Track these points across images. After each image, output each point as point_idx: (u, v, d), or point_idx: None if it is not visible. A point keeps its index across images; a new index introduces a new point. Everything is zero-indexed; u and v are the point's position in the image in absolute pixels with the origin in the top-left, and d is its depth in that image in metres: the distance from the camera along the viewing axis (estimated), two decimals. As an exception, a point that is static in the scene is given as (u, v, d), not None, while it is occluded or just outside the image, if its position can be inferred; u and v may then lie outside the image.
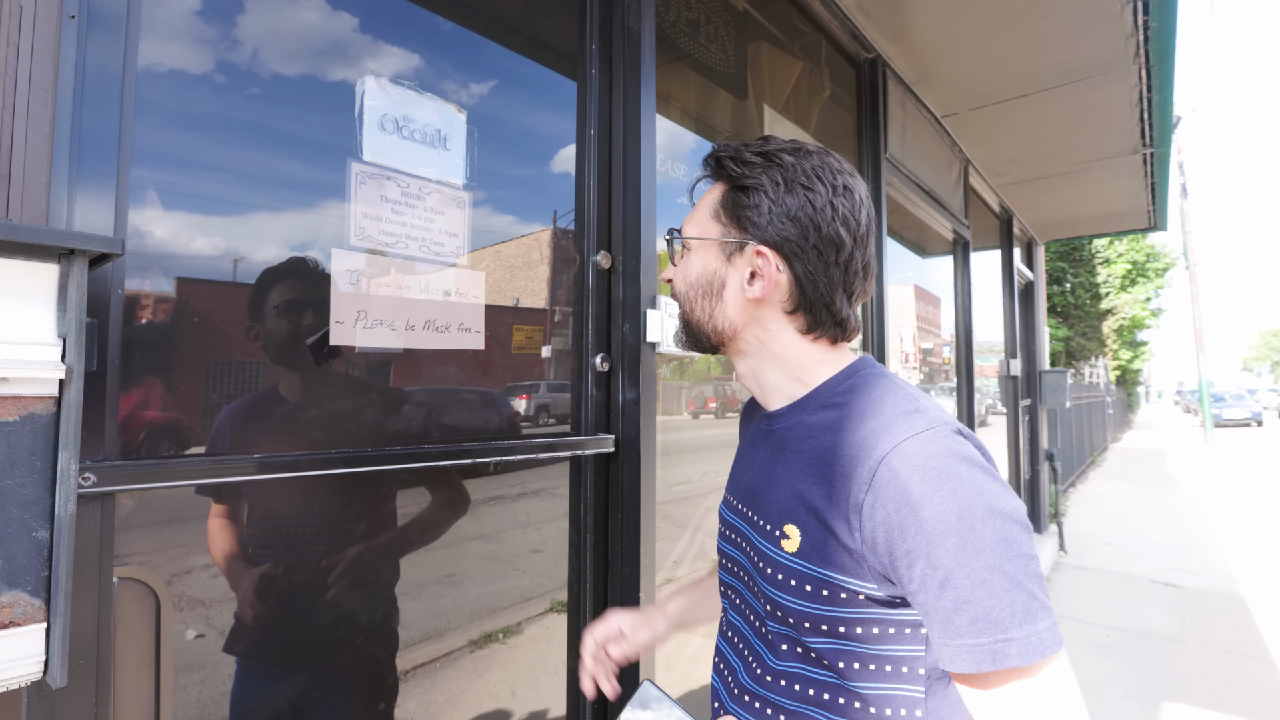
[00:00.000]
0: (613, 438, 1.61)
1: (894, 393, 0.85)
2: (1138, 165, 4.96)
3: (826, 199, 0.87)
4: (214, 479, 0.99)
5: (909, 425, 0.78)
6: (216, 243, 1.06)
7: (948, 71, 3.37)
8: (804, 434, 0.88)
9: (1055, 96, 3.68)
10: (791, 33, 2.68)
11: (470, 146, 1.40)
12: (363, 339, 1.20)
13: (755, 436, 1.00)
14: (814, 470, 0.84)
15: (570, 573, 1.61)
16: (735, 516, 0.98)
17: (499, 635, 1.53)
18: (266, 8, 1.14)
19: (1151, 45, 3.21)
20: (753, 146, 0.92)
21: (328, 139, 1.19)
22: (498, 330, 1.47)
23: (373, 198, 1.23)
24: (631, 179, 1.66)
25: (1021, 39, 3.05)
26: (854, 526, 0.77)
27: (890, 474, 0.75)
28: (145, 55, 0.98)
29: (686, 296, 0.97)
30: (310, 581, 1.18)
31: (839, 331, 0.92)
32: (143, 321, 0.97)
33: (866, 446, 0.78)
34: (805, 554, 0.81)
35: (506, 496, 1.56)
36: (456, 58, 1.41)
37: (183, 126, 1.03)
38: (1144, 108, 3.92)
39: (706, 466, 2.40)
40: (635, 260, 1.64)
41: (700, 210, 0.96)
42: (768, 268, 0.89)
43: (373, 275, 1.22)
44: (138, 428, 0.97)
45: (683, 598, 1.20)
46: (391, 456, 1.21)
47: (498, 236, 1.47)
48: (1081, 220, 6.65)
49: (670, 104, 2.05)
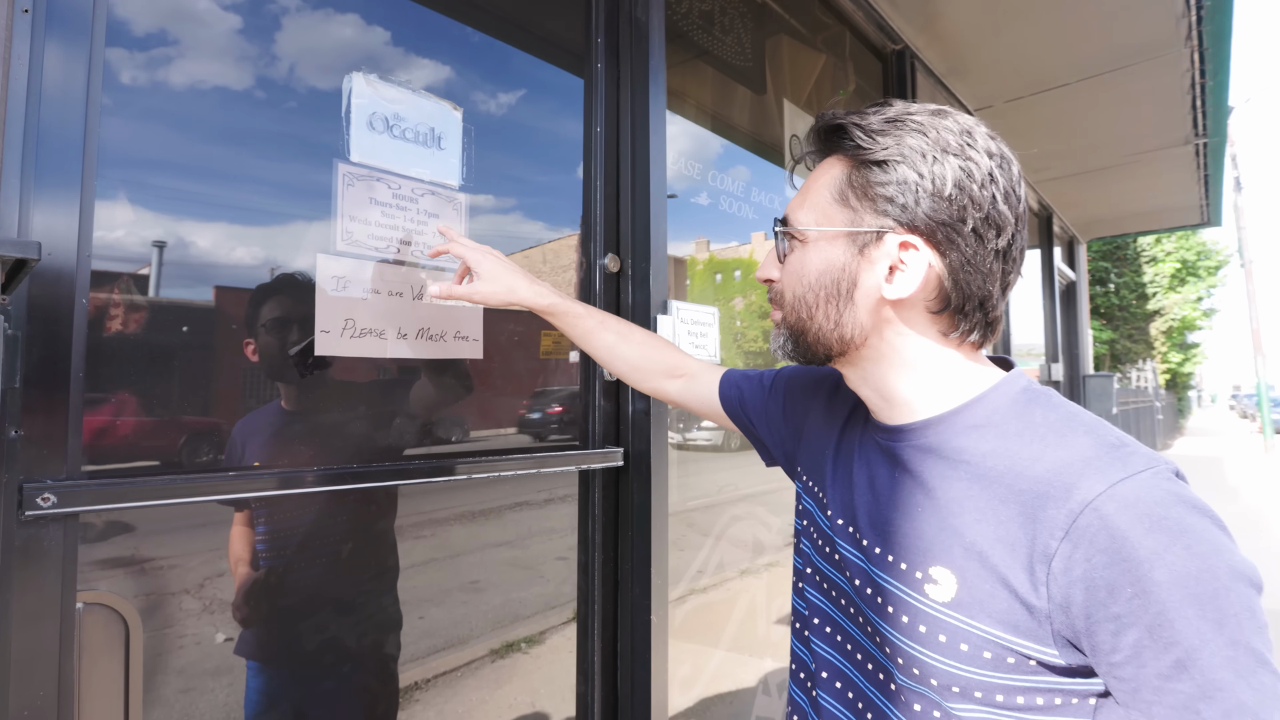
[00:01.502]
0: (621, 450, 1.55)
1: (1078, 418, 0.72)
2: (1189, 157, 4.77)
3: (986, 169, 0.72)
4: (185, 499, 0.95)
5: (1123, 463, 0.65)
6: (191, 250, 1.02)
7: (981, 62, 3.26)
8: (953, 458, 0.75)
9: (1098, 85, 3.53)
10: (813, 25, 2.61)
11: (467, 146, 1.35)
12: (350, 348, 1.15)
13: (866, 450, 0.87)
14: (975, 504, 0.71)
15: (579, 594, 1.55)
16: (838, 537, 0.86)
17: (521, 644, 1.50)
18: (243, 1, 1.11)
19: (1205, 26, 3.05)
20: (876, 110, 0.77)
21: (312, 139, 1.15)
22: (505, 336, 1.42)
23: (361, 200, 1.18)
24: (640, 178, 1.61)
25: (1061, 24, 2.92)
26: (1039, 579, 0.64)
27: (1101, 522, 0.62)
28: (114, 51, 0.95)
29: (803, 301, 0.81)
30: (311, 585, 1.16)
31: (986, 332, 0.78)
32: (111, 332, 0.94)
33: (1060, 484, 0.65)
34: (964, 606, 0.69)
35: (533, 502, 1.53)
36: (453, 52, 1.37)
37: (155, 126, 1.00)
38: (1196, 94, 3.75)
39: (730, 475, 2.34)
40: (645, 263, 1.58)
41: (815, 193, 0.80)
42: (916, 259, 0.74)
43: (361, 281, 1.17)
44: (104, 445, 0.93)
45: (577, 305, 1.17)
46: (380, 473, 1.16)
47: (496, 240, 1.42)
48: (1127, 217, 6.44)
49: (685, 101, 1.99)
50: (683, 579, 2.01)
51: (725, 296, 2.32)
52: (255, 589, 1.10)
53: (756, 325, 2.54)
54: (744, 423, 1.14)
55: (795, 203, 0.84)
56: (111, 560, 0.96)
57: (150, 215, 0.98)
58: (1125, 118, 4.00)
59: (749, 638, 2.25)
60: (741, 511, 2.33)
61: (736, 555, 2.26)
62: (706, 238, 2.18)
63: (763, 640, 2.30)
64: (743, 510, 2.33)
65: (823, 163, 0.82)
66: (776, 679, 2.28)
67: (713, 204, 2.06)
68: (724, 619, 2.21)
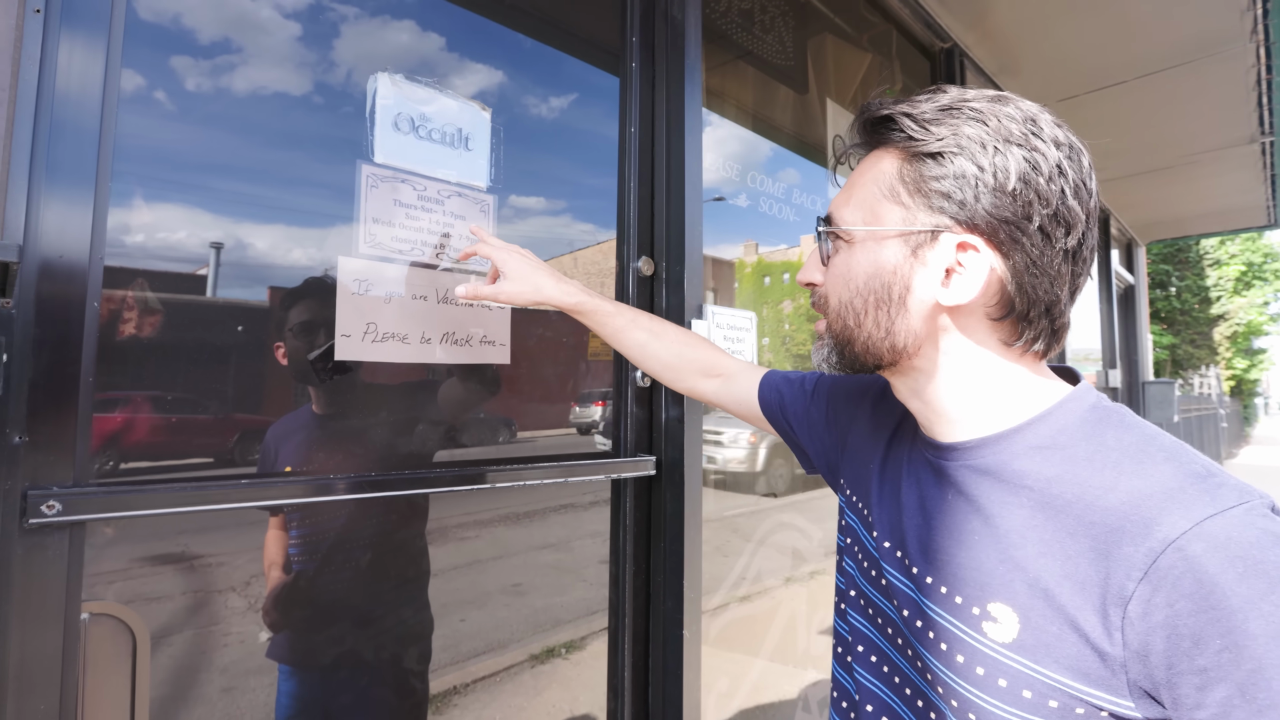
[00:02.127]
0: (654, 459, 1.47)
1: (1157, 440, 0.63)
2: (1254, 156, 4.47)
3: (1054, 160, 0.64)
4: (198, 506, 0.91)
5: (1212, 496, 0.56)
6: (209, 251, 0.98)
7: (1033, 59, 3.08)
8: (1014, 482, 0.67)
9: (1157, 82, 3.31)
10: (859, 24, 2.49)
11: (495, 146, 1.29)
12: (372, 353, 1.10)
13: (915, 467, 0.78)
14: (1040, 535, 0.63)
15: (609, 607, 1.47)
16: (885, 561, 0.77)
17: (561, 650, 1.44)
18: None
19: (1272, 20, 2.84)
20: (928, 97, 0.69)
21: (335, 139, 1.10)
22: (535, 340, 1.35)
23: (385, 202, 1.13)
24: (675, 179, 1.52)
25: (1117, 19, 2.74)
26: (1113, 624, 0.57)
27: (1186, 564, 0.54)
28: (132, 49, 0.91)
29: (849, 307, 0.72)
30: (343, 589, 1.12)
31: (1051, 341, 0.70)
32: (124, 335, 0.90)
33: (1138, 518, 0.58)
34: (1027, 649, 0.61)
35: (578, 505, 1.48)
36: (483, 52, 1.31)
37: (174, 125, 0.96)
38: (1261, 91, 3.50)
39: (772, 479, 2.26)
40: (679, 266, 1.50)
41: (862, 189, 0.72)
42: (975, 261, 0.66)
43: (384, 284, 1.12)
44: (115, 450, 0.89)
45: (606, 303, 1.11)
46: (406, 481, 1.10)
47: (525, 244, 1.36)
48: (1188, 219, 6.08)
49: (724, 101, 1.90)
50: (724, 584, 1.92)
51: (774, 299, 2.24)
52: (288, 593, 1.06)
53: (805, 328, 2.46)
54: (784, 428, 1.05)
55: (840, 200, 0.75)
56: (144, 559, 0.93)
57: (167, 215, 0.94)
58: (1186, 116, 3.75)
59: (790, 649, 2.14)
60: (785, 518, 2.22)
61: (777, 561, 2.16)
62: (755, 240, 2.11)
63: (803, 653, 2.19)
64: (785, 516, 2.23)
65: (869, 156, 0.73)
66: (818, 694, 2.16)
67: (752, 205, 1.96)
68: (764, 627, 2.11)
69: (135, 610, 0.89)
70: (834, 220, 0.74)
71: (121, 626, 0.86)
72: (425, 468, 1.19)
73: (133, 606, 0.90)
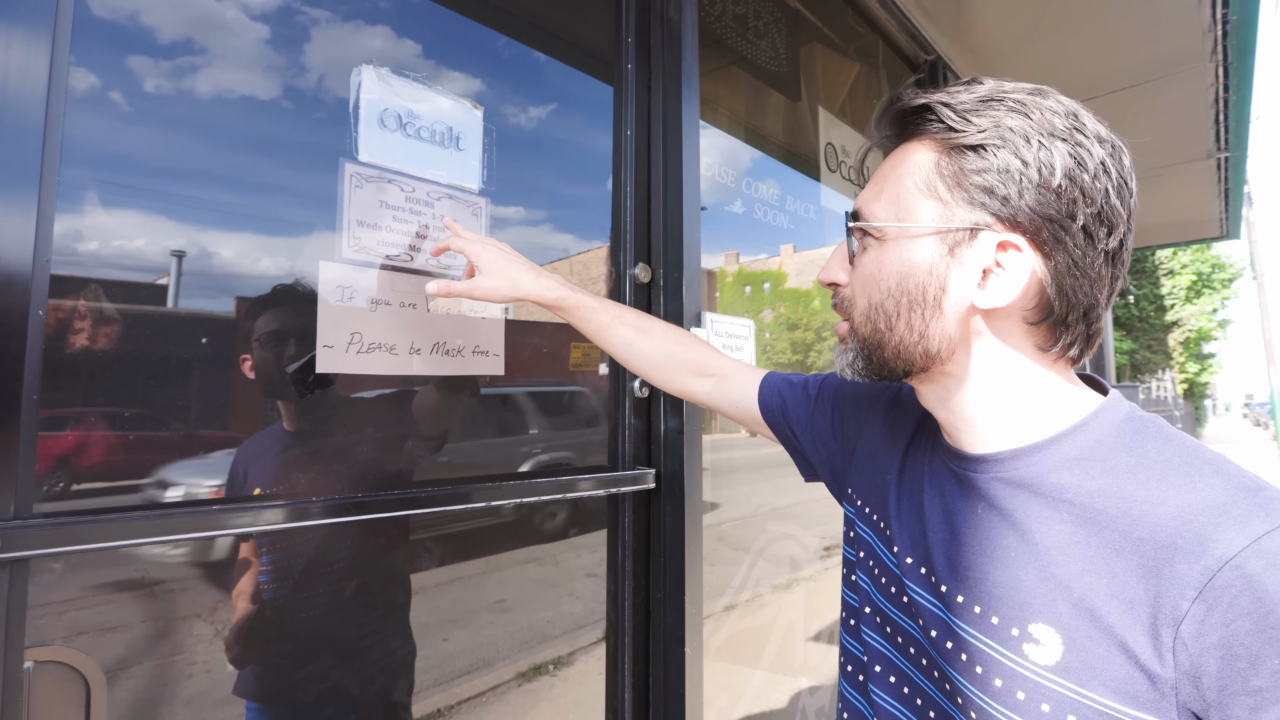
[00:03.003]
0: (653, 472, 1.36)
1: (1200, 453, 0.58)
2: (1211, 171, 4.51)
3: (1099, 157, 0.58)
4: (161, 537, 0.79)
5: (1266, 511, 0.52)
6: (168, 257, 0.86)
7: (1013, 74, 2.98)
8: (1052, 496, 0.61)
9: (1126, 99, 3.31)
10: (847, 34, 2.42)
11: (488, 147, 1.18)
12: (356, 365, 0.98)
13: (938, 477, 0.71)
14: (1083, 552, 0.57)
15: (608, 625, 1.36)
16: (908, 578, 0.69)
17: (549, 667, 1.34)
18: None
19: (1231, 40, 2.84)
20: (965, 87, 0.63)
21: (316, 136, 0.98)
22: (530, 350, 1.24)
23: (370, 203, 1.02)
24: (673, 183, 1.42)
25: (1092, 37, 2.73)
26: (1164, 645, 0.52)
27: (1245, 582, 0.50)
28: (82, 41, 0.79)
29: (880, 309, 0.65)
30: (316, 621, 0.99)
31: (1085, 347, 0.64)
32: (75, 348, 0.78)
33: (1191, 534, 0.53)
34: (1072, 671, 0.55)
35: (564, 517, 1.39)
36: (472, 50, 1.21)
37: (132, 123, 0.84)
38: (1219, 109, 3.52)
39: (763, 485, 2.17)
40: (677, 273, 1.40)
41: (896, 183, 0.65)
42: (1017, 262, 0.60)
43: (369, 291, 1.01)
44: (63, 474, 0.77)
45: (590, 299, 1.01)
46: (388, 503, 0.98)
47: (519, 250, 1.25)
48: (1150, 230, 6.14)
49: (718, 107, 1.81)
50: (723, 593, 1.82)
51: (754, 309, 2.17)
52: (257, 624, 0.94)
53: (785, 338, 2.40)
54: (785, 433, 0.96)
55: (869, 194, 0.67)
56: (98, 587, 0.80)
57: (124, 219, 0.83)
58: (1152, 131, 3.77)
59: (788, 659, 2.04)
60: (776, 529, 2.13)
61: (771, 571, 2.07)
62: (736, 250, 2.04)
63: (801, 663, 2.09)
64: (776, 527, 2.14)
65: (901, 148, 0.66)
66: (814, 704, 2.06)
67: (747, 212, 1.87)
68: (764, 638, 2.01)
69: (91, 643, 0.77)
70: (863, 216, 0.66)
71: (73, 674, 0.74)
72: (412, 487, 1.07)
73: (86, 639, 0.78)
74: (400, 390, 1.08)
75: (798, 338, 2.42)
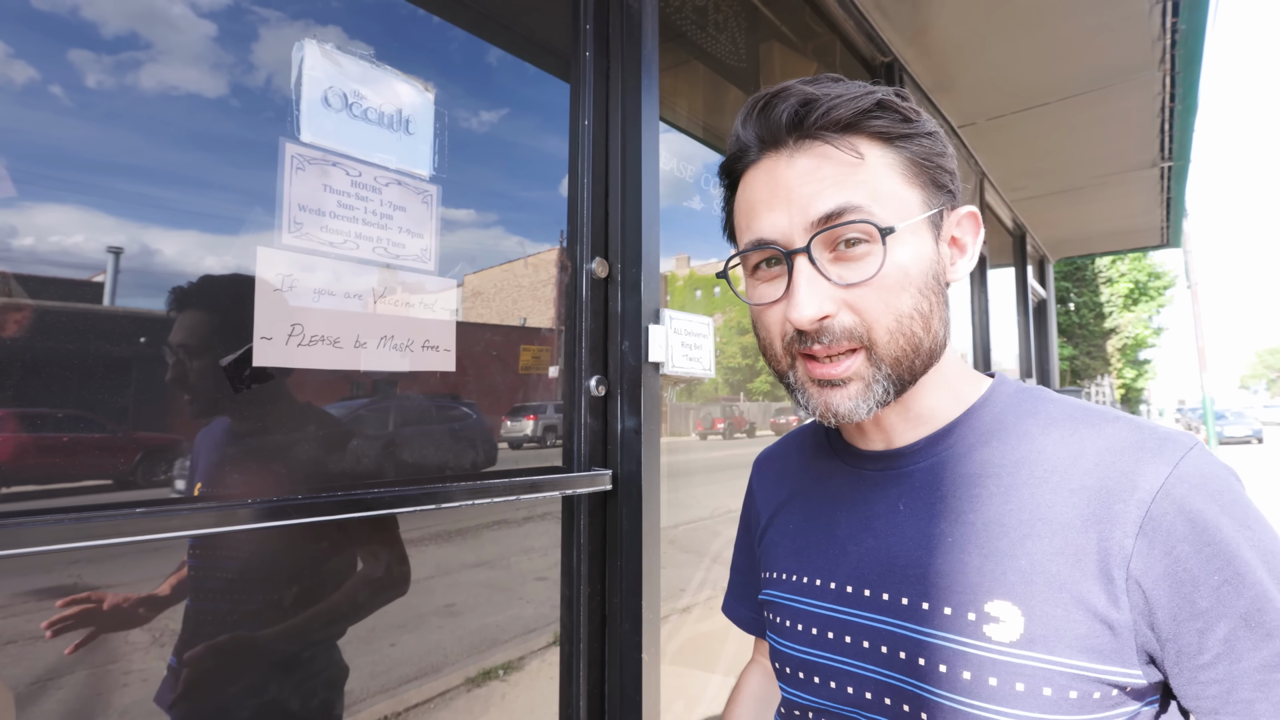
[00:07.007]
0: (610, 473, 1.35)
1: (1089, 406, 0.64)
2: (1155, 179, 4.72)
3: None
4: (83, 542, 0.73)
5: (1172, 443, 0.57)
6: (92, 241, 0.81)
7: (967, 78, 3.12)
8: (977, 473, 0.62)
9: (1077, 105, 3.43)
10: (804, 33, 2.45)
11: (440, 132, 1.15)
12: (296, 358, 0.94)
13: (837, 492, 0.70)
14: (1020, 518, 0.59)
15: (562, 632, 1.34)
16: (845, 607, 0.66)
17: (499, 672, 1.33)
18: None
19: (1179, 50, 2.98)
20: (838, 83, 0.67)
21: (252, 114, 0.94)
22: (478, 349, 1.21)
23: (313, 186, 0.98)
24: (631, 175, 1.41)
25: (1045, 41, 2.82)
26: (1118, 587, 0.54)
27: (1176, 507, 0.54)
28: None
29: (916, 315, 0.62)
30: (243, 631, 0.94)
31: None
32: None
33: (1118, 474, 0.56)
34: (1037, 641, 0.56)
35: (511, 520, 1.37)
36: (423, 33, 1.17)
37: (42, 97, 0.78)
38: (1165, 118, 3.69)
39: (716, 489, 2.20)
40: (636, 268, 1.38)
41: (878, 179, 0.61)
42: (975, 232, 0.68)
43: (311, 281, 0.96)
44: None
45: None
46: (331, 505, 0.94)
47: (473, 243, 1.22)
48: (1095, 237, 6.39)
49: (677, 100, 1.81)
50: (678, 596, 1.81)
51: (706, 314, 2.18)
52: (185, 635, 0.89)
53: (735, 342, 2.42)
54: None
55: (854, 195, 0.60)
56: (26, 594, 0.76)
57: (45, 204, 0.77)
58: (1099, 139, 3.92)
59: (744, 663, 2.05)
60: (730, 531, 2.14)
61: (722, 574, 2.07)
62: (687, 254, 2.04)
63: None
64: (729, 529, 2.15)
65: (853, 144, 0.62)
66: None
67: (706, 209, 1.87)
68: (720, 642, 2.02)
69: (15, 653, 0.73)
70: (872, 218, 0.60)
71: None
72: (358, 488, 1.03)
73: (14, 648, 0.74)
74: (345, 387, 1.04)
75: (748, 342, 2.44)
